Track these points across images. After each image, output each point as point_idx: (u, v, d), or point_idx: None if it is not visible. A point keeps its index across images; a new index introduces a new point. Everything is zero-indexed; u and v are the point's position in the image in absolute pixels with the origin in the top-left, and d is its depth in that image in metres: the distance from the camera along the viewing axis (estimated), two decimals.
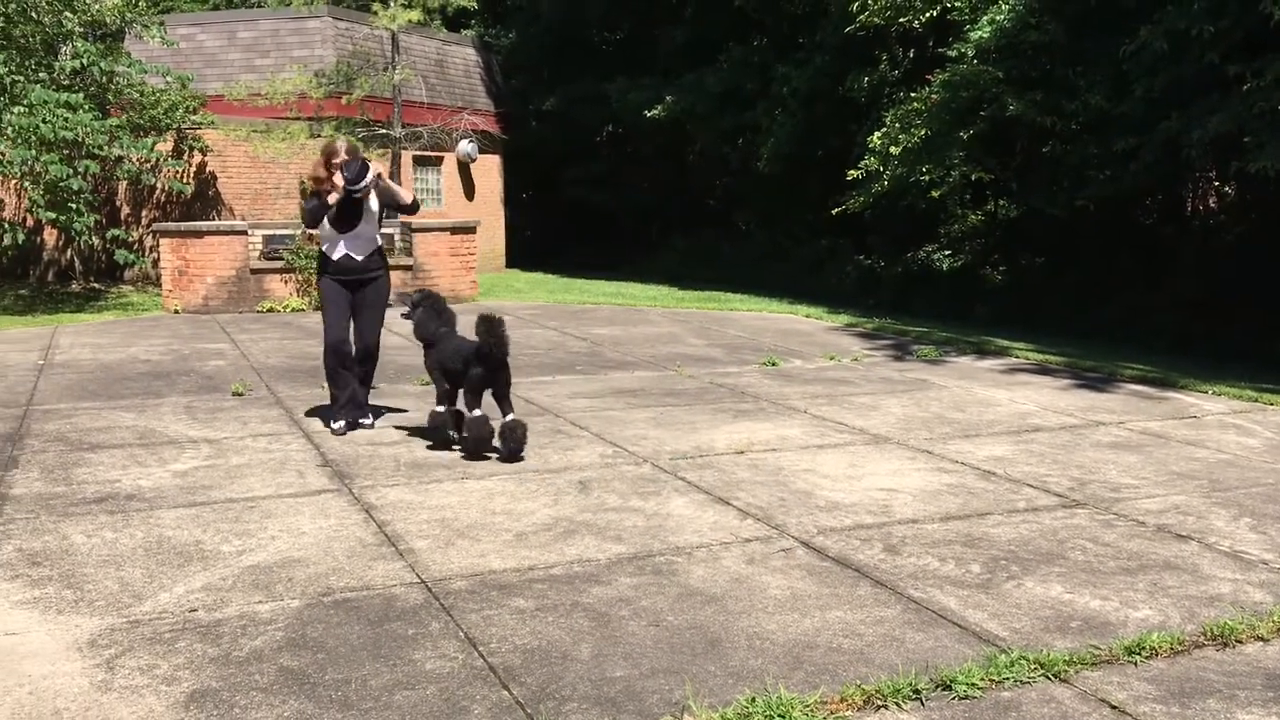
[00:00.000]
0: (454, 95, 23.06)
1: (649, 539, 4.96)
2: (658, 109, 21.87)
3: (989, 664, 3.61)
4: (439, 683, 3.48)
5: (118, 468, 6.14)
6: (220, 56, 20.63)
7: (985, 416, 7.93)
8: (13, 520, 5.14)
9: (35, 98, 13.50)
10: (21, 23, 14.76)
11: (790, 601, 4.20)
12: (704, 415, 7.81)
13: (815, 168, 20.20)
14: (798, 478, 6.07)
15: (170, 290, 14.68)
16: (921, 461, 6.50)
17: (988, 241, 17.86)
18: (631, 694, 3.41)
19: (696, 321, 13.93)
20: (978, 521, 5.29)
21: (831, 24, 18.37)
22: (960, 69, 14.35)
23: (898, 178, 15.21)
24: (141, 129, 16.57)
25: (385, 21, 18.82)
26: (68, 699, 3.35)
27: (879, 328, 13.50)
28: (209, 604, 4.11)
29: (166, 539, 4.88)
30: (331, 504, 5.47)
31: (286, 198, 20.06)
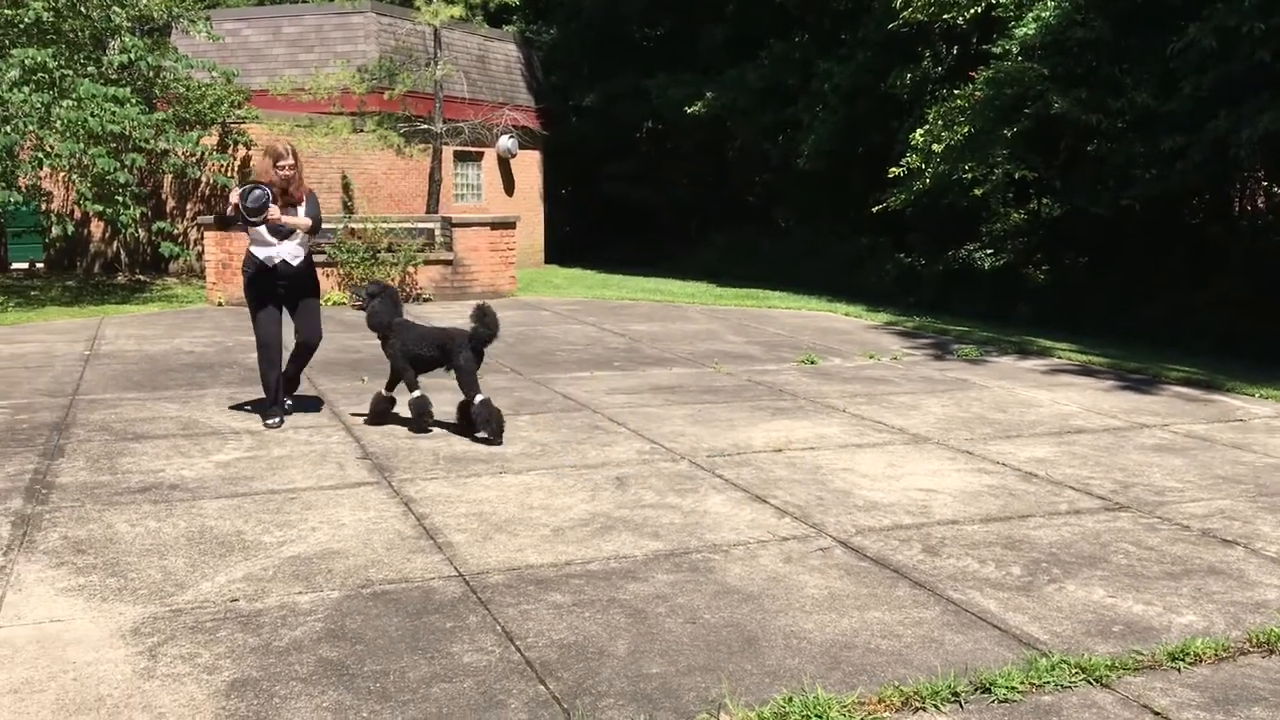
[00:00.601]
0: (495, 91, 23.15)
1: (686, 536, 4.95)
2: (698, 105, 21.83)
3: (1029, 667, 3.58)
4: (476, 676, 3.50)
5: (161, 458, 6.22)
6: (265, 51, 20.83)
7: (1027, 417, 7.85)
8: (59, 508, 5.22)
9: (84, 92, 13.68)
10: (71, 17, 14.96)
11: (828, 601, 4.18)
12: (742, 413, 7.79)
13: (856, 164, 20.09)
14: (836, 476, 6.04)
15: (214, 283, 14.84)
16: (962, 462, 6.45)
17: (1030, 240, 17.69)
18: (668, 691, 3.41)
19: (735, 318, 13.89)
20: (1019, 523, 5.24)
21: (874, 20, 18.26)
22: (1005, 66, 14.21)
23: (940, 175, 15.09)
24: (187, 123, 16.76)
25: (428, 17, 18.91)
26: (111, 685, 3.40)
27: (919, 326, 13.40)
28: (250, 594, 4.15)
29: (209, 529, 4.93)
30: (371, 496, 5.51)
31: (328, 192, 20.22)
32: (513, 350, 10.62)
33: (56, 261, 18.97)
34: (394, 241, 15.10)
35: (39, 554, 4.56)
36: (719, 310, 14.98)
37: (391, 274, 15.06)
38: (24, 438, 6.64)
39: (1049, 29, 13.75)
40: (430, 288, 15.45)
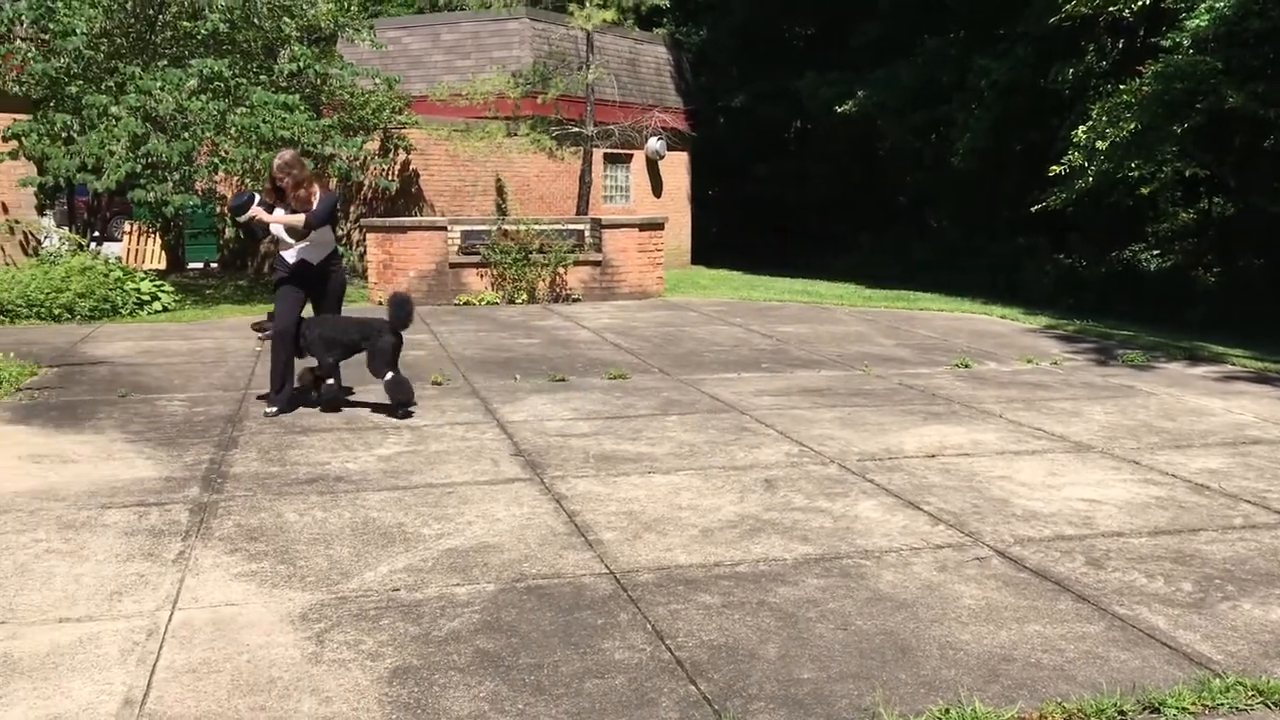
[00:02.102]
0: (644, 93, 23.33)
1: (836, 540, 4.90)
2: (848, 104, 21.57)
3: (1201, 688, 3.42)
4: (627, 673, 3.53)
5: (327, 450, 6.48)
6: (424, 58, 21.48)
7: (1197, 426, 7.49)
8: (233, 497, 5.49)
9: (256, 99, 14.35)
10: (245, 29, 15.72)
11: (985, 612, 4.07)
12: (893, 417, 7.66)
13: (1012, 163, 19.55)
14: (993, 484, 5.88)
15: (375, 282, 15.37)
16: (1127, 472, 6.20)
17: (1200, 241, 16.91)
18: (819, 697, 3.38)
19: (885, 320, 13.66)
20: (1189, 537, 5.00)
21: (1034, 14, 17.72)
22: (1175, 59, 13.59)
23: (1103, 173, 14.53)
24: (351, 128, 17.40)
25: (581, 21, 19.19)
26: (281, 669, 3.56)
27: (1080, 330, 12.93)
28: (410, 584, 4.29)
29: (371, 520, 5.12)
30: (524, 493, 5.62)
31: (483, 195, 20.74)
32: (660, 351, 10.68)
33: (229, 261, 19.95)
34: (545, 243, 15.37)
35: (215, 540, 4.81)
36: (868, 312, 14.76)
37: (542, 274, 15.34)
38: (200, 429, 7.01)
39: (1223, 20, 13.09)
40: (579, 288, 15.67)
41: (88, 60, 14.31)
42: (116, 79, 14.23)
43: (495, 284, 15.32)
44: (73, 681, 3.44)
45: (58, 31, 13.93)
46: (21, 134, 13.76)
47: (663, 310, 14.57)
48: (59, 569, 4.42)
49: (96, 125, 13.75)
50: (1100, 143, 14.27)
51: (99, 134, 13.55)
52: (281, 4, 16.09)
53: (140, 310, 13.33)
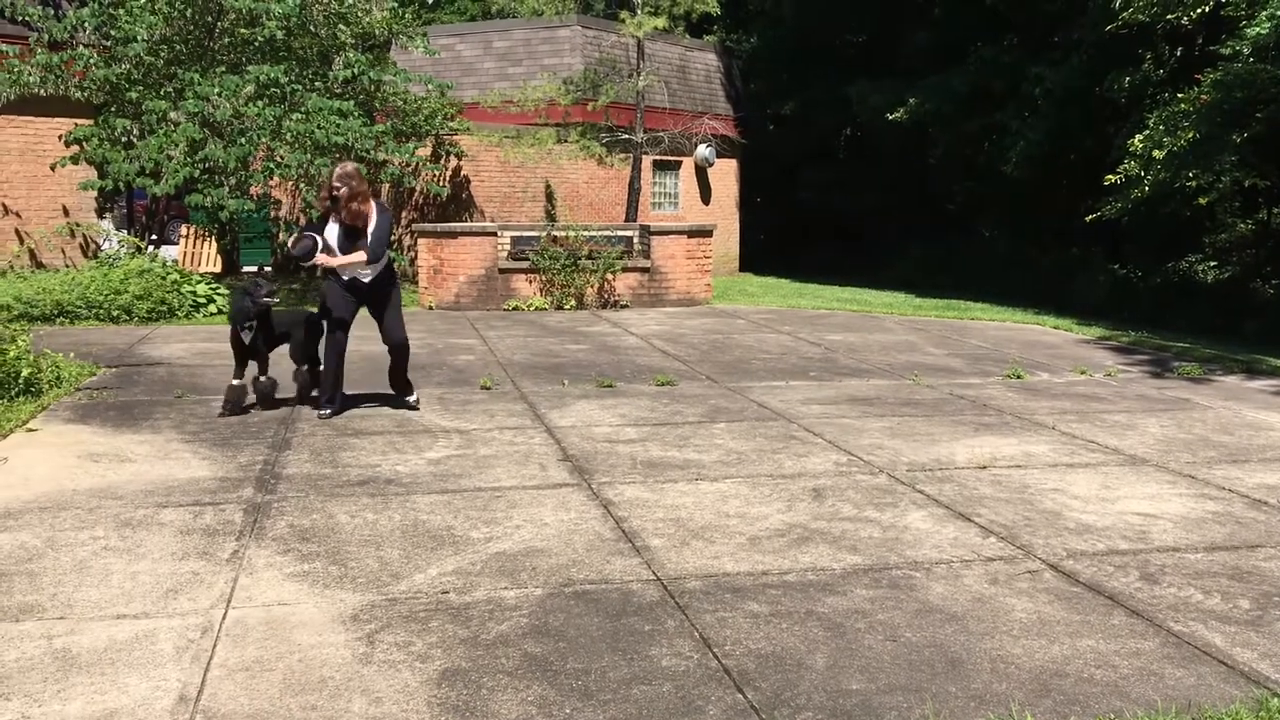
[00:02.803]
0: (694, 100, 23.33)
1: (885, 551, 4.86)
2: (900, 111, 21.43)
3: (1260, 707, 3.35)
4: (674, 680, 3.53)
5: (378, 453, 6.55)
6: (476, 65, 21.64)
7: (1256, 441, 7.36)
8: (285, 498, 5.56)
9: (312, 105, 14.54)
10: (301, 36, 15.93)
11: (1037, 626, 4.02)
12: (943, 427, 7.59)
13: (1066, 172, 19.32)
14: (1045, 497, 5.81)
15: (426, 287, 15.51)
16: (1183, 486, 6.10)
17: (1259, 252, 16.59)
18: (868, 709, 3.36)
19: (935, 330, 13.55)
20: (1247, 554, 4.91)
21: (1090, 21, 17.52)
22: (1235, 67, 13.35)
23: (1160, 183, 14.31)
24: (404, 135, 17.57)
25: (632, 29, 19.24)
26: (332, 668, 3.60)
27: (1135, 342, 12.74)
28: (459, 587, 4.32)
29: (421, 523, 5.16)
30: (571, 498, 5.64)
31: (533, 201, 20.84)
32: (708, 358, 10.67)
33: (283, 265, 20.20)
34: (593, 249, 15.42)
35: (268, 540, 4.87)
36: (918, 321, 14.65)
37: (591, 280, 15.39)
38: (254, 431, 7.11)
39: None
40: (627, 295, 15.70)
41: (148, 66, 14.58)
42: (175, 85, 14.49)
43: (544, 289, 15.39)
44: (129, 677, 3.50)
45: (119, 38, 14.21)
46: (83, 138, 14.06)
47: (710, 317, 14.56)
48: (116, 566, 4.50)
49: (155, 130, 14.01)
50: (1157, 151, 14.06)
51: (158, 139, 13.80)
52: (337, 11, 16.28)
53: (196, 312, 13.54)
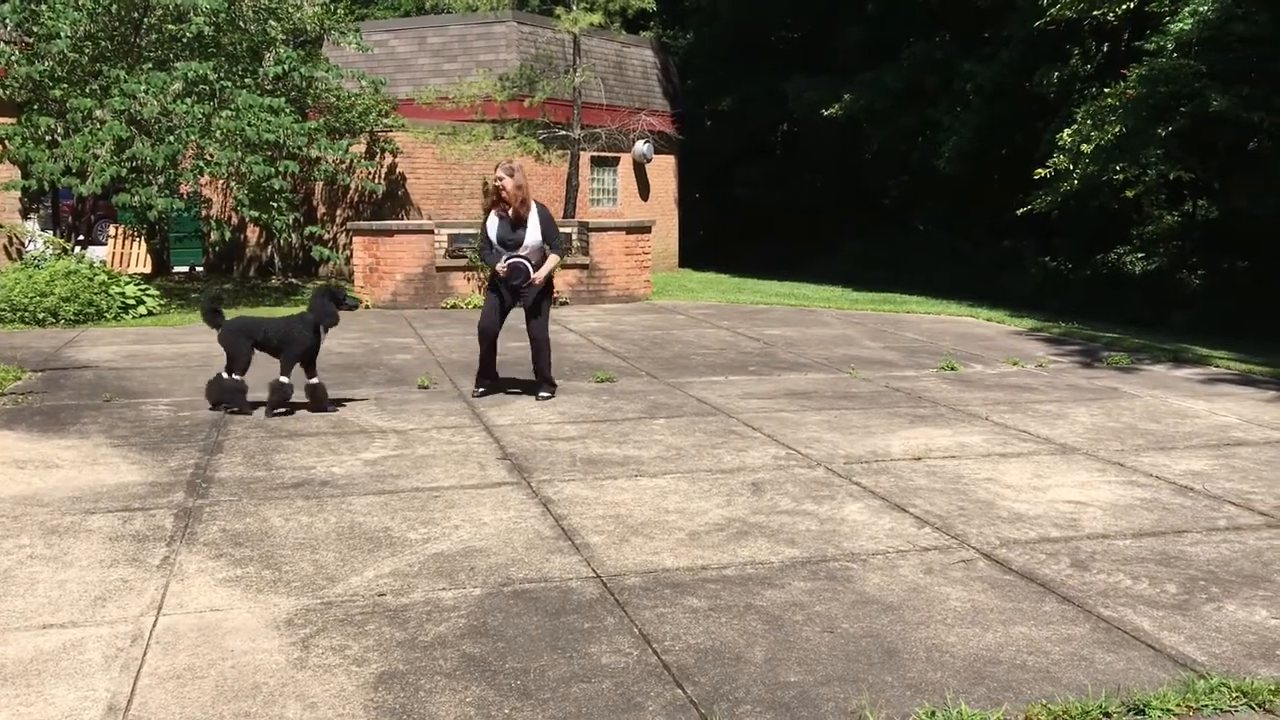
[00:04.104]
0: (631, 96, 23.34)
1: (823, 543, 4.90)
2: (835, 107, 21.62)
3: (1186, 689, 3.43)
4: (614, 677, 3.53)
5: (313, 455, 6.46)
6: (411, 61, 21.46)
7: (1182, 428, 7.53)
8: (218, 502, 5.47)
9: (242, 102, 14.32)
10: (230, 32, 15.68)
11: (971, 614, 4.08)
12: (879, 419, 7.68)
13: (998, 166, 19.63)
14: (978, 486, 5.90)
15: (362, 286, 15.34)
16: (1112, 474, 6.22)
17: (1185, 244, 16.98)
18: (806, 700, 3.38)
19: (871, 323, 13.69)
20: (1174, 539, 5.03)
21: (1020, 18, 17.80)
22: (1159, 63, 13.66)
23: (1088, 176, 14.60)
24: (337, 131, 17.39)
25: (567, 25, 19.20)
26: (266, 674, 3.54)
27: (1065, 333, 12.98)
28: (396, 589, 4.28)
29: (357, 524, 5.10)
30: (511, 496, 5.61)
31: (470, 198, 20.72)
32: (648, 354, 10.68)
33: (215, 265, 19.89)
34: None
35: (200, 545, 4.79)
36: (855, 315, 14.79)
37: None
38: (186, 434, 6.98)
39: (1206, 24, 13.16)
40: (567, 291, 15.66)
41: (72, 63, 14.26)
42: (101, 82, 14.19)
43: (482, 287, 15.30)
44: (56, 688, 3.42)
45: (42, 35, 13.88)
46: (5, 138, 13.72)
47: (650, 314, 14.58)
48: (42, 575, 4.39)
49: (81, 129, 13.71)
50: (1085, 146, 14.34)
51: (83, 137, 13.51)
52: (267, 7, 16.06)
53: (125, 314, 13.27)
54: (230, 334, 7.56)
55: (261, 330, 7.61)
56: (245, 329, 7.60)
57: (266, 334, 7.59)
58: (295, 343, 7.57)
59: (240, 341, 7.54)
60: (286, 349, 7.57)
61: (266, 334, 7.59)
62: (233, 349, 7.55)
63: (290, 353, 7.57)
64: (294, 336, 7.58)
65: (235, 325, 7.63)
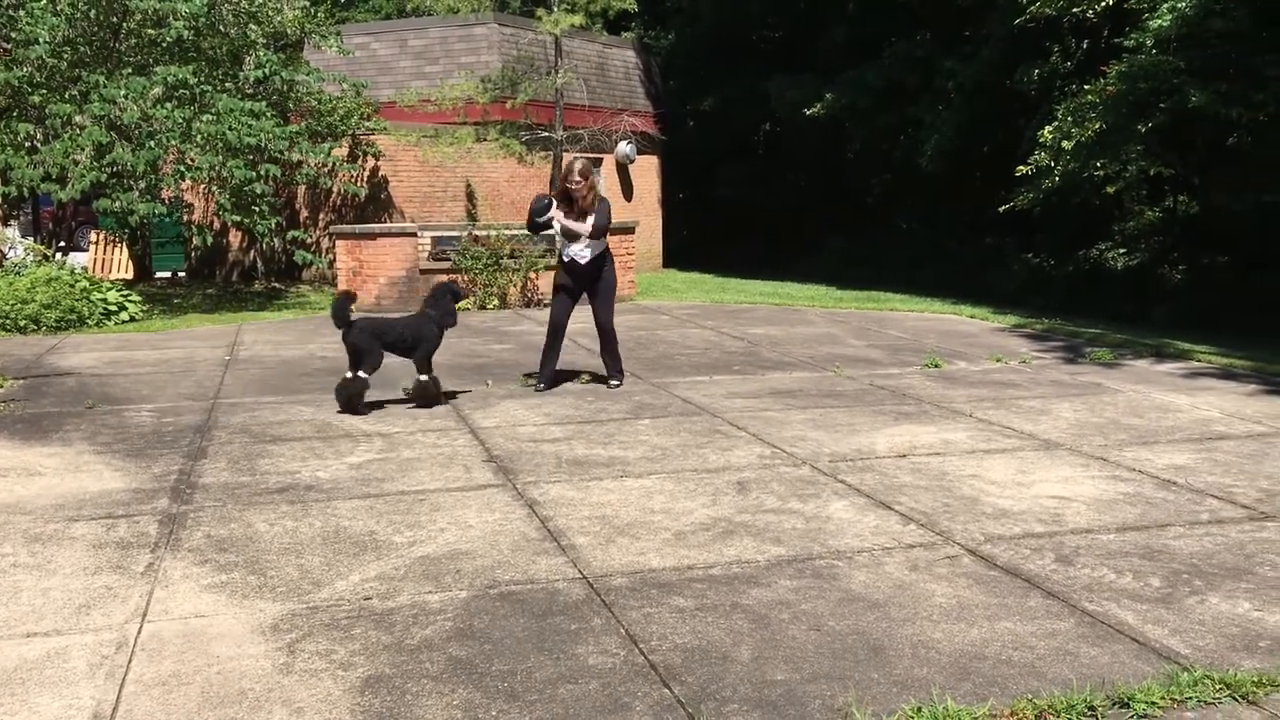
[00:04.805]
0: (613, 97, 23.34)
1: (808, 542, 4.91)
2: (817, 106, 21.66)
3: (1170, 682, 3.45)
4: (601, 678, 3.53)
5: (297, 459, 6.44)
6: (392, 64, 21.40)
7: (1164, 423, 7.57)
8: (202, 508, 5.45)
9: (223, 106, 14.26)
10: (210, 36, 15.62)
11: (956, 610, 4.09)
12: (864, 417, 7.70)
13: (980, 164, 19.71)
14: (963, 483, 5.92)
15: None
16: (1095, 469, 6.25)
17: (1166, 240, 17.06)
18: (793, 698, 3.39)
19: (855, 322, 13.73)
20: (1157, 533, 5.06)
21: (1000, 16, 17.86)
22: (1138, 59, 13.74)
23: (1070, 173, 14.66)
24: (319, 135, 17.33)
25: (549, 26, 19.18)
26: (252, 680, 3.53)
27: (1048, 329, 13.04)
28: (382, 593, 4.27)
29: (343, 529, 5.09)
30: (496, 499, 5.61)
31: (454, 200, 20.67)
32: (632, 355, 10.68)
33: (197, 270, 19.81)
34: (516, 248, 15.35)
35: (184, 551, 4.77)
36: (839, 314, 14.83)
37: (514, 280, 15.32)
38: (169, 440, 6.95)
39: (1185, 20, 13.23)
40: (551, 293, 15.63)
41: (51, 69, 14.18)
42: (80, 88, 14.12)
43: (467, 290, 15.28)
44: (40, 697, 3.40)
45: (20, 40, 13.80)
46: None
47: (634, 314, 14.58)
48: (26, 583, 4.37)
49: (60, 134, 13.63)
50: (1066, 143, 14.40)
51: (63, 143, 13.44)
52: (247, 10, 16.00)
53: (107, 320, 13.21)
54: (362, 335, 7.77)
55: (395, 331, 7.95)
56: (377, 330, 7.87)
57: (401, 334, 7.94)
58: (427, 341, 8.01)
59: (373, 342, 7.79)
60: (420, 347, 7.97)
61: (401, 334, 7.94)
62: (364, 349, 7.77)
63: (424, 350, 7.98)
64: (425, 335, 8.01)
65: (367, 326, 7.88)
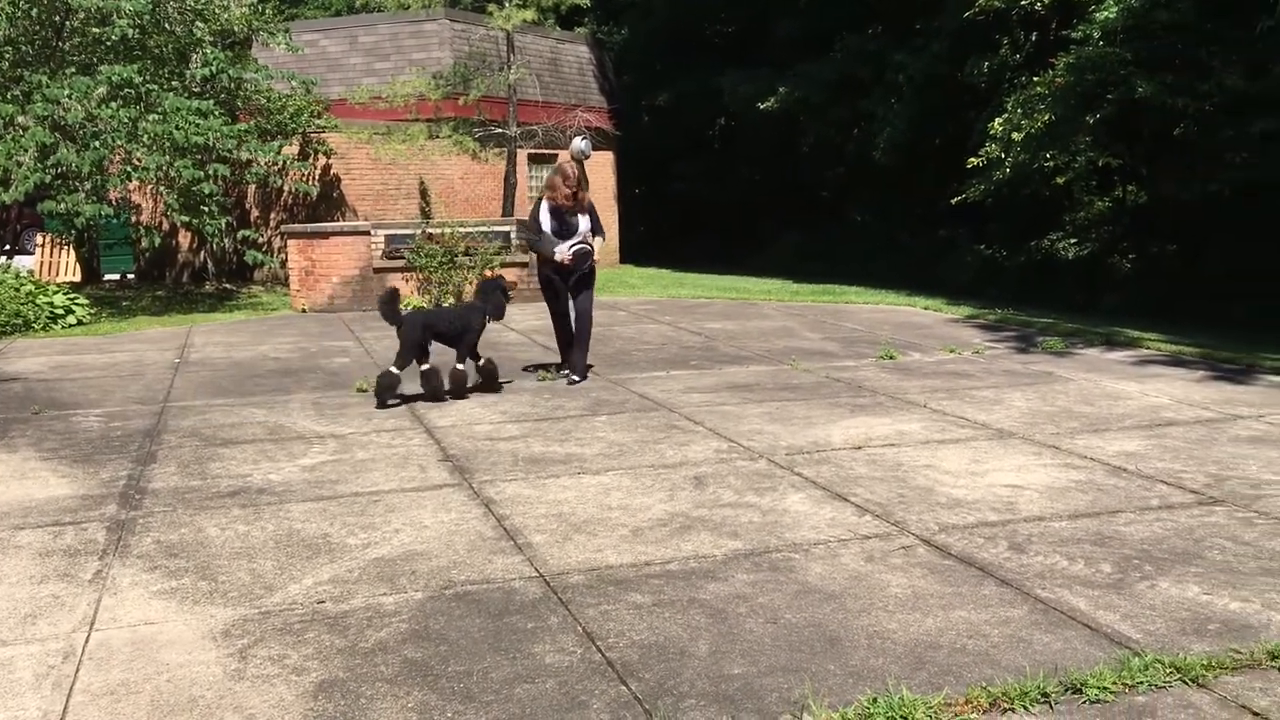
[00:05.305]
0: (567, 93, 23.27)
1: (765, 535, 4.92)
2: (770, 100, 21.71)
3: (1121, 667, 3.49)
4: (558, 676, 3.51)
5: (249, 462, 6.36)
6: (342, 61, 21.20)
7: (1115, 410, 7.67)
8: (151, 513, 5.36)
9: (169, 105, 14.05)
10: (155, 34, 15.38)
11: (911, 600, 4.12)
12: (820, 410, 7.73)
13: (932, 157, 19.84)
14: (917, 474, 5.96)
15: (298, 290, 15.14)
16: (1047, 457, 6.32)
17: (1115, 229, 17.27)
18: (750, 692, 3.39)
19: (811, 315, 13.79)
20: (1108, 519, 5.11)
21: (949, 9, 17.98)
22: (1086, 51, 13.90)
23: (1020, 164, 14.81)
24: (269, 133, 17.12)
25: (500, 22, 19.08)
26: (203, 687, 3.48)
27: (1001, 319, 13.16)
28: (336, 596, 4.22)
29: (295, 532, 5.03)
30: (452, 498, 5.57)
31: (407, 198, 20.53)
32: (590, 350, 10.63)
33: (146, 272, 19.52)
34: (471, 245, 15.26)
35: (133, 558, 4.69)
36: (795, 307, 14.88)
37: (469, 277, 15.22)
38: (118, 444, 6.84)
39: (1131, 12, 13.42)
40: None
41: None
42: (23, 88, 13.85)
43: (421, 288, 15.17)
44: None
45: None
46: None
47: None
48: None
49: (3, 135, 13.36)
50: (1016, 134, 14.55)
51: (5, 144, 13.17)
52: (193, 8, 15.78)
53: (54, 324, 12.98)
54: (414, 328, 8.01)
55: (445, 320, 8.28)
56: (427, 322, 8.14)
57: (451, 323, 8.25)
58: (473, 331, 8.27)
59: (425, 334, 8.04)
60: (465, 337, 8.22)
61: (451, 323, 8.25)
62: (416, 341, 8.00)
63: (468, 340, 8.24)
64: (472, 326, 8.28)
65: (417, 318, 8.14)
